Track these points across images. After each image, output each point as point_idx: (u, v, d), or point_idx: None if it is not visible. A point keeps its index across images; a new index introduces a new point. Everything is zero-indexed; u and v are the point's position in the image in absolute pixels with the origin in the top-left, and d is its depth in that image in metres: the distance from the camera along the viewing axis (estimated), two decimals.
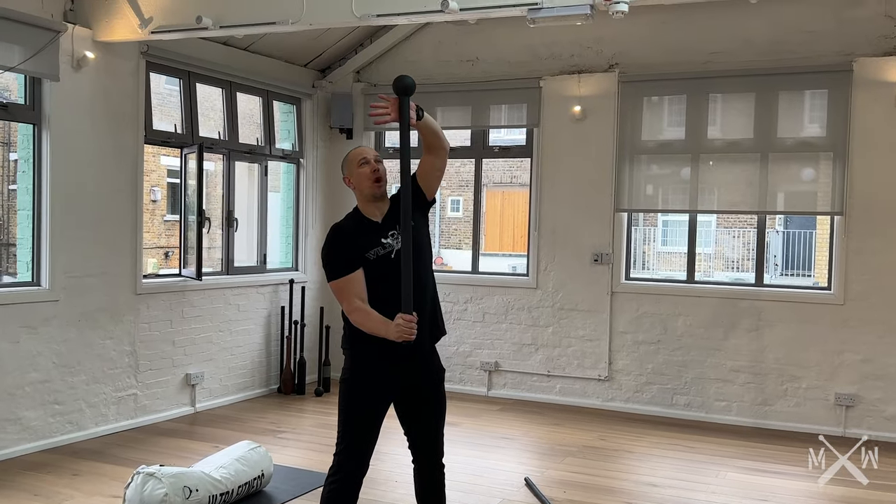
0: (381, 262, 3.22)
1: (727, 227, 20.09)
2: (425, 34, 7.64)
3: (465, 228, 22.20)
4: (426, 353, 3.39)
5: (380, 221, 3.31)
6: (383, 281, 3.21)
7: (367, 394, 3.27)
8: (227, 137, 6.84)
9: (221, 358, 6.76)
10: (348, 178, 3.34)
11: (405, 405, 3.39)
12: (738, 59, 6.55)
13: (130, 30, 5.43)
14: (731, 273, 18.53)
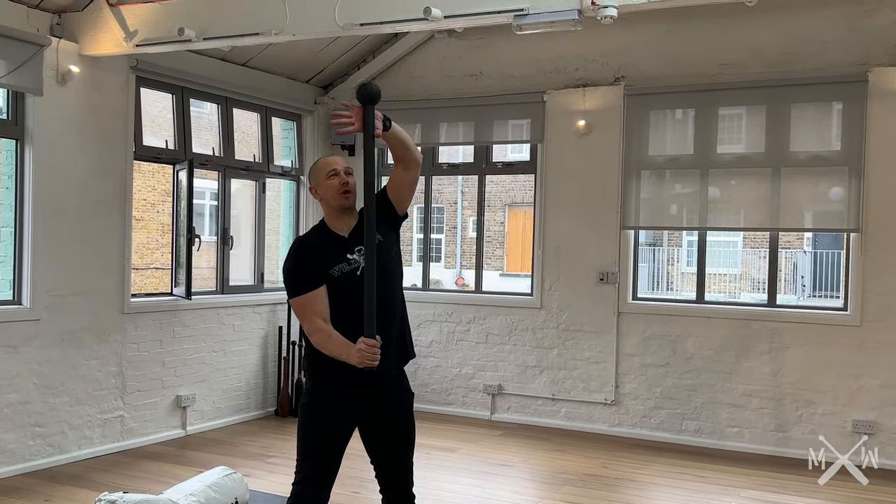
0: (345, 280, 3.03)
1: (754, 248, 19.67)
2: (429, 49, 7.49)
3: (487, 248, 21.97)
4: (392, 377, 3.18)
5: (346, 236, 3.13)
6: (347, 299, 3.02)
7: (327, 421, 3.07)
8: (222, 154, 6.71)
9: (214, 379, 6.59)
10: (315, 188, 3.17)
11: (370, 433, 3.18)
12: (749, 71, 6.30)
13: (116, 43, 5.32)
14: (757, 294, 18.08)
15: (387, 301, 3.10)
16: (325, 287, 3.02)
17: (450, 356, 7.31)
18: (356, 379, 3.03)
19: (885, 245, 5.84)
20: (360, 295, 2.97)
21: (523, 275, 20.73)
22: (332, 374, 3.06)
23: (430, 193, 7.64)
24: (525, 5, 4.15)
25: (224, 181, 6.73)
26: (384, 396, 3.15)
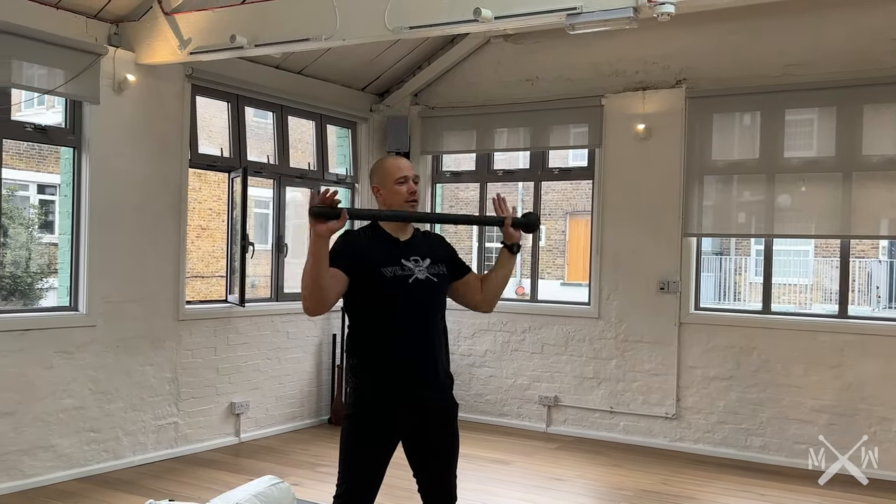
0: (396, 283, 2.93)
1: (825, 257, 18.97)
2: (484, 54, 7.39)
3: (547, 257, 21.72)
4: (438, 385, 3.07)
5: (402, 241, 3.04)
6: (393, 302, 2.93)
7: (370, 434, 2.96)
8: (277, 161, 6.72)
9: (268, 386, 6.58)
10: (378, 189, 3.06)
11: (414, 446, 3.07)
12: (818, 71, 6.02)
13: (171, 51, 5.35)
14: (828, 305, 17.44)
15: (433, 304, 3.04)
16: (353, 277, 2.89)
17: (504, 366, 7.17)
18: (402, 390, 2.95)
19: None
20: (407, 301, 2.92)
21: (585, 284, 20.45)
22: (376, 385, 2.96)
23: (485, 201, 7.52)
24: (578, 4, 4.01)
25: (279, 189, 6.73)
26: (429, 409, 3.04)
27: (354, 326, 3.03)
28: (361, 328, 3.00)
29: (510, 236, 3.10)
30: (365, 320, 2.99)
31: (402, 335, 2.96)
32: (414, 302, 2.98)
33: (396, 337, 2.96)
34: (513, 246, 3.12)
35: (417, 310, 2.99)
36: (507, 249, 3.12)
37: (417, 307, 2.99)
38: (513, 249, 3.12)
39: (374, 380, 2.96)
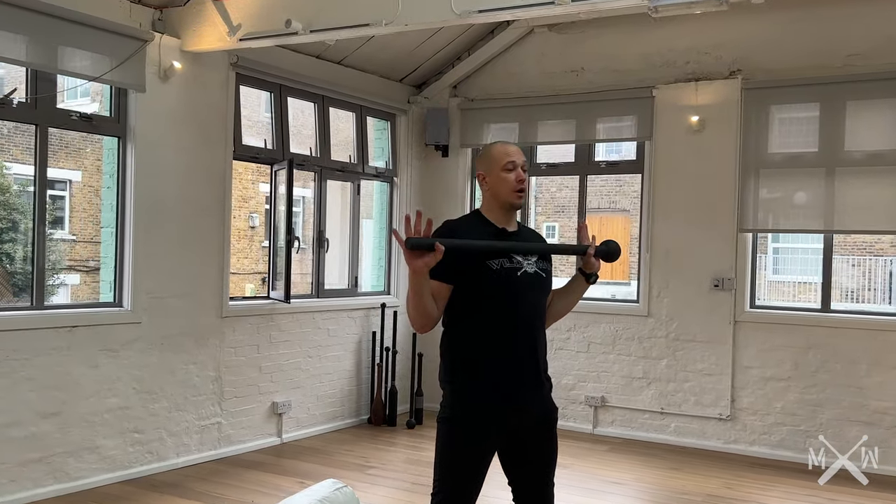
0: (504, 276, 2.75)
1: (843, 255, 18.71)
2: (527, 44, 7.19)
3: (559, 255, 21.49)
4: (541, 387, 2.88)
5: (509, 231, 2.86)
6: (500, 296, 2.74)
7: (470, 438, 2.76)
8: (318, 154, 6.52)
9: (310, 385, 6.39)
10: (484, 175, 2.86)
11: (512, 451, 2.87)
12: (882, 62, 5.82)
13: (219, 38, 5.15)
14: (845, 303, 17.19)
15: (536, 304, 2.84)
16: (457, 279, 2.71)
17: (549, 366, 6.95)
18: (504, 392, 2.76)
19: None
20: (514, 297, 2.75)
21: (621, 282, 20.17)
22: (475, 386, 2.77)
23: (527, 196, 7.32)
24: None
25: (320, 182, 6.53)
26: (531, 413, 2.86)
27: (452, 323, 2.83)
28: (460, 325, 2.81)
29: (591, 265, 2.91)
30: (465, 316, 2.79)
31: (507, 333, 2.78)
32: (521, 297, 2.79)
33: (500, 335, 2.77)
34: (591, 275, 2.93)
35: (524, 306, 2.81)
36: (585, 278, 2.94)
37: (524, 303, 2.80)
38: (590, 279, 2.94)
39: (474, 381, 2.78)
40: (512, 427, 2.81)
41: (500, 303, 2.75)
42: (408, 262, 2.54)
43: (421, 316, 2.67)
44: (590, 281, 2.97)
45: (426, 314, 2.67)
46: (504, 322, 2.77)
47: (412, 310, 2.67)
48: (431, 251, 2.50)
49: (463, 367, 2.80)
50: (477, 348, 2.78)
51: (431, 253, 2.50)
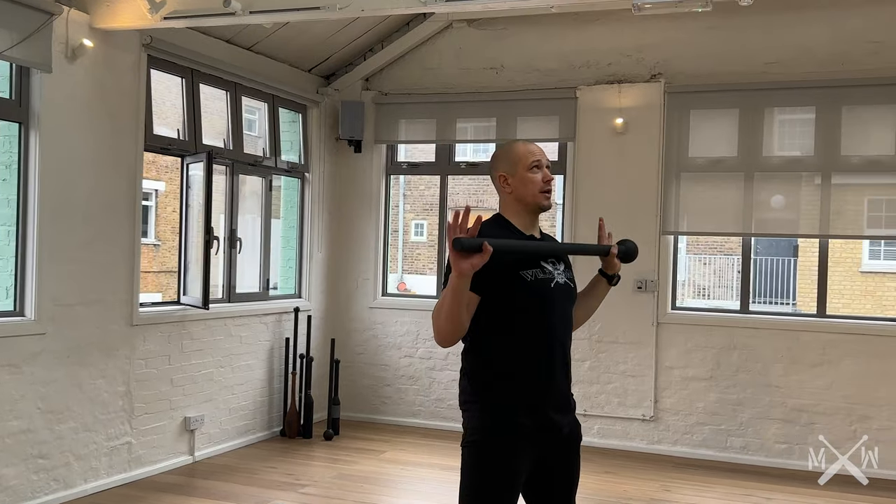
0: (538, 287, 2.53)
1: (696, 254, 19.68)
2: (444, 39, 6.97)
3: (428, 253, 21.46)
4: (569, 407, 2.69)
5: (537, 237, 2.64)
6: (534, 311, 2.52)
7: (504, 464, 2.52)
8: (231, 146, 6.04)
9: (222, 398, 5.91)
10: (505, 176, 2.62)
11: (539, 475, 2.64)
12: (798, 70, 6.02)
13: (138, 15, 4.62)
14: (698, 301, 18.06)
15: (566, 318, 2.64)
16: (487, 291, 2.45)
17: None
18: (537, 413, 2.54)
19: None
20: (549, 310, 2.54)
21: None
22: (507, 408, 2.53)
23: (446, 194, 7.11)
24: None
25: (233, 177, 6.05)
26: (562, 435, 2.65)
27: (478, 339, 2.57)
28: (489, 341, 2.56)
29: (613, 266, 2.81)
30: (494, 332, 2.54)
31: (541, 349, 2.56)
32: (555, 310, 2.59)
33: (535, 351, 2.55)
34: (613, 277, 2.83)
35: (557, 320, 2.60)
36: (607, 280, 2.83)
37: (557, 317, 2.60)
38: (612, 281, 2.84)
39: (507, 402, 2.54)
40: (543, 450, 2.60)
41: (535, 316, 2.53)
42: (454, 264, 2.28)
43: (454, 325, 2.40)
44: (612, 283, 2.85)
45: (460, 324, 2.41)
46: (538, 337, 2.56)
47: (445, 319, 2.39)
48: (479, 252, 2.27)
49: (493, 387, 2.56)
50: (510, 366, 2.55)
51: (479, 254, 2.27)
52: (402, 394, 6.98)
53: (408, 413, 6.95)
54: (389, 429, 6.79)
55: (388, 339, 7.03)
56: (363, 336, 7.09)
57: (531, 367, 2.55)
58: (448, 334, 2.43)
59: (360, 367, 7.06)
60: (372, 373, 7.06)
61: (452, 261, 2.28)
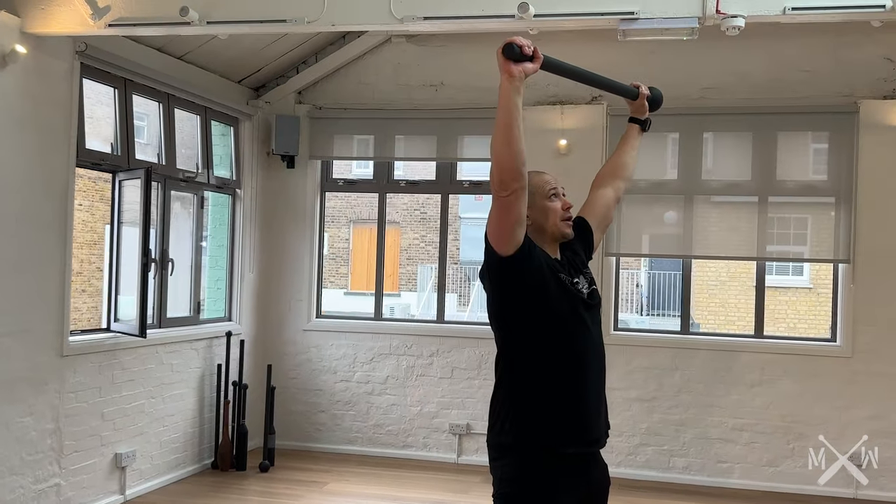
0: (569, 297, 2.44)
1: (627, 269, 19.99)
2: (382, 54, 6.80)
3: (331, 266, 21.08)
4: (604, 443, 2.59)
5: (559, 259, 2.54)
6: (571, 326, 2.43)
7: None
8: (164, 161, 5.67)
9: (153, 431, 5.51)
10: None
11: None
12: (735, 96, 6.17)
13: (77, 21, 4.25)
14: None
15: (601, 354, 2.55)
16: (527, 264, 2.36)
17: (409, 393, 6.61)
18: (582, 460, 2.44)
19: (876, 276, 5.86)
20: (584, 326, 2.46)
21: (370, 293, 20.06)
22: (550, 454, 2.41)
23: (385, 212, 6.92)
24: (636, 8, 3.66)
25: (165, 193, 5.67)
26: (596, 482, 2.55)
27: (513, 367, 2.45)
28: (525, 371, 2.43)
29: (642, 110, 2.85)
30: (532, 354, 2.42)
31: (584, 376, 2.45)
32: (592, 330, 2.50)
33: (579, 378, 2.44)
34: (645, 122, 2.87)
35: (595, 341, 2.51)
36: (640, 125, 2.87)
37: (595, 337, 2.51)
38: (645, 126, 2.88)
39: (550, 448, 2.41)
40: (581, 495, 2.49)
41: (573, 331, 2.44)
42: (505, 68, 2.20)
43: (515, 146, 2.23)
44: (646, 128, 2.89)
45: (519, 142, 2.25)
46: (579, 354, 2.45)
47: (501, 141, 2.24)
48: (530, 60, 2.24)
49: (530, 420, 2.42)
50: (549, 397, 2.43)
51: (531, 61, 2.24)
52: (339, 420, 6.72)
53: (344, 440, 6.70)
54: (326, 457, 6.52)
55: (324, 363, 6.76)
56: (296, 360, 6.80)
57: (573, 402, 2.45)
58: (513, 156, 2.25)
59: (293, 392, 6.76)
60: (306, 398, 6.77)
61: (500, 65, 2.21)
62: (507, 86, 2.22)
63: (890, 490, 5.74)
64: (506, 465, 2.47)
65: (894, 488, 5.75)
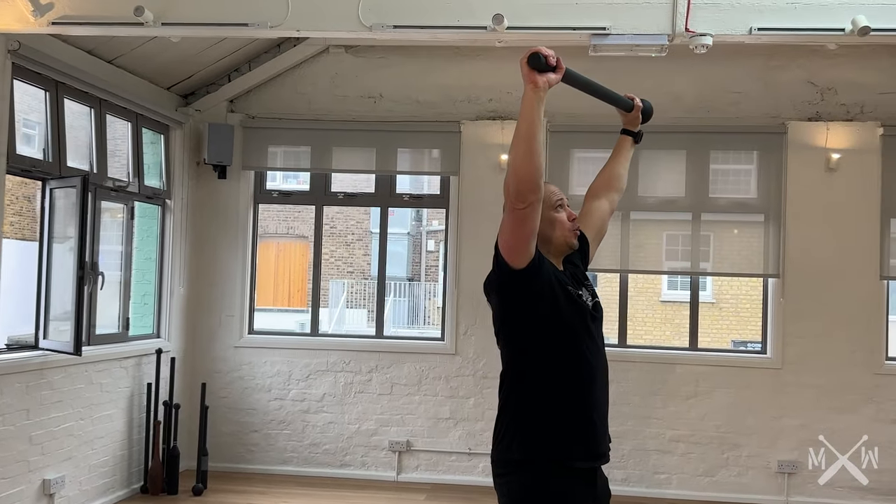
0: (577, 309, 2.42)
1: None
2: (319, 64, 6.67)
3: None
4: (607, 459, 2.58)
5: (563, 270, 2.52)
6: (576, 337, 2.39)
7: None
8: (96, 170, 5.37)
9: (82, 454, 5.19)
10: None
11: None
12: (668, 116, 6.31)
13: (16, 17, 4.01)
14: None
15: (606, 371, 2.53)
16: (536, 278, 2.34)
17: (347, 410, 6.46)
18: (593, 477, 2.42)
19: (804, 290, 6.10)
20: (592, 339, 2.42)
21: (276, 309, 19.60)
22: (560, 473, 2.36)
23: (321, 224, 6.76)
24: (607, 23, 3.69)
25: (94, 203, 5.37)
26: (600, 492, 2.53)
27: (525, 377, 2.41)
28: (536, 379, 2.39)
29: (636, 122, 2.86)
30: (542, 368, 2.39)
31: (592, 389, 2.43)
32: (598, 343, 2.48)
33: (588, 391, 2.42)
34: (638, 134, 2.89)
35: (601, 353, 2.49)
36: (633, 138, 2.90)
37: (601, 350, 2.50)
38: (637, 138, 2.90)
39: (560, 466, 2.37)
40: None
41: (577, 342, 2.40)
42: (529, 78, 2.20)
43: (537, 155, 2.23)
44: (638, 140, 2.91)
45: (540, 154, 2.25)
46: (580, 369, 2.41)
47: (523, 152, 2.24)
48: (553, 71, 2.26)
49: (546, 443, 2.38)
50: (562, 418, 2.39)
51: (554, 72, 2.25)
52: (272, 440, 6.50)
53: (278, 461, 6.48)
54: (259, 478, 6.29)
55: (256, 381, 6.54)
56: (228, 378, 6.54)
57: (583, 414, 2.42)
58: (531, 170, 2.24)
59: (225, 412, 6.49)
60: (237, 418, 6.52)
61: (524, 74, 2.20)
62: (532, 96, 2.20)
63: (819, 496, 5.96)
64: (513, 482, 2.42)
65: (822, 494, 5.98)
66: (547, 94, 2.26)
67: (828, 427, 5.96)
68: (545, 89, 2.21)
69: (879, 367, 6.01)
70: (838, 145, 6.10)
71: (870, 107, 6.16)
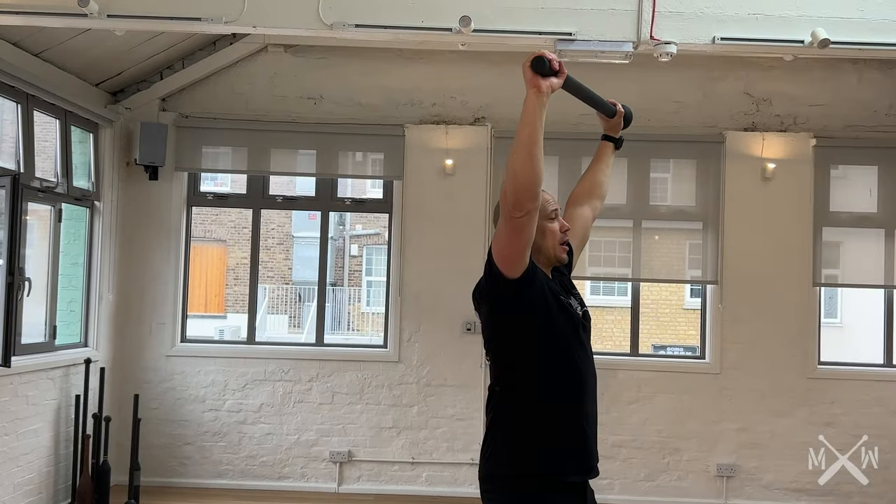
0: (568, 319, 2.37)
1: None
2: (257, 62, 6.47)
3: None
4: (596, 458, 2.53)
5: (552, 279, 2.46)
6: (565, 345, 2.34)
7: None
8: (23, 169, 5.06)
9: (6, 472, 4.87)
10: None
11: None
12: None
13: None
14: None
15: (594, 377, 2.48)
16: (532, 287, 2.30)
17: (286, 421, 6.26)
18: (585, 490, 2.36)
19: (741, 297, 6.22)
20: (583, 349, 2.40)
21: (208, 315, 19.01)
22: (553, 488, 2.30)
23: (259, 227, 6.55)
24: (573, 29, 3.66)
25: (19, 205, 5.04)
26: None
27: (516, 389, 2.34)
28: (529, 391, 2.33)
29: (617, 128, 2.82)
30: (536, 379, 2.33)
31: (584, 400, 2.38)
32: (588, 352, 2.44)
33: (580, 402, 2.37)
34: (619, 140, 2.84)
35: (591, 363, 2.46)
36: (614, 144, 2.84)
37: (591, 359, 2.46)
38: (619, 144, 2.85)
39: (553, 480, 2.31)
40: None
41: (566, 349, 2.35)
42: (532, 83, 2.15)
43: (538, 162, 2.16)
44: (619, 146, 2.85)
45: (541, 161, 2.18)
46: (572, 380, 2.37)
47: (523, 159, 2.15)
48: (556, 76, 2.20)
49: (538, 458, 2.32)
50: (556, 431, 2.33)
51: (556, 77, 2.20)
52: (206, 452, 6.25)
53: (213, 474, 6.23)
54: (195, 493, 6.04)
55: (190, 392, 6.28)
56: (159, 388, 6.26)
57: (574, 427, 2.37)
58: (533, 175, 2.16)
59: (156, 424, 6.21)
60: (169, 430, 6.24)
61: (527, 79, 2.16)
62: (535, 101, 2.14)
63: (756, 498, 6.09)
64: (503, 498, 2.34)
65: (759, 497, 6.11)
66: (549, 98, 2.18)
67: (767, 430, 6.10)
68: (548, 94, 2.15)
69: (812, 371, 6.18)
70: (773, 155, 6.25)
71: (802, 118, 6.34)
